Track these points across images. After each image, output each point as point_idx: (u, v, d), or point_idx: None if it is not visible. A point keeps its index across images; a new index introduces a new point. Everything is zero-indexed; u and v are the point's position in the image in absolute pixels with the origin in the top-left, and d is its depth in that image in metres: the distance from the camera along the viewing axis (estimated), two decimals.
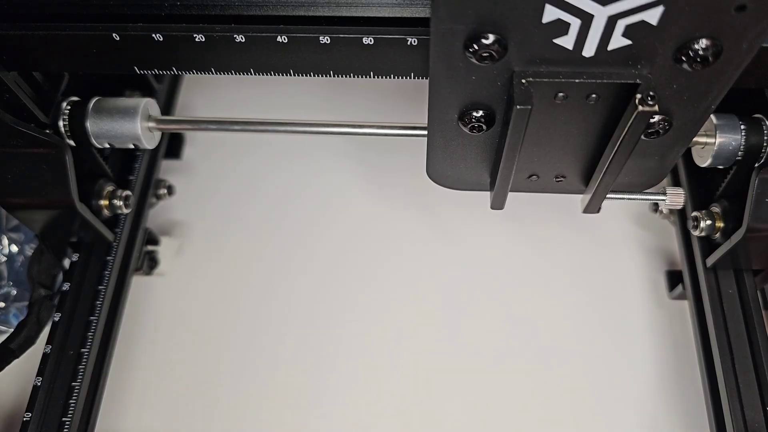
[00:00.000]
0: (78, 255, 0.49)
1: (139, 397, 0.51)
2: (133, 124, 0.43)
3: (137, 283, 0.54)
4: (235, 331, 0.53)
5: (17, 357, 0.45)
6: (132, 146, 0.44)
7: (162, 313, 0.54)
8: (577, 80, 0.30)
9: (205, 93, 0.65)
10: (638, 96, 0.30)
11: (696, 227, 0.47)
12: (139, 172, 0.52)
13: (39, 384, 0.43)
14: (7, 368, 0.44)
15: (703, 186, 0.50)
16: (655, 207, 0.55)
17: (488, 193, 0.41)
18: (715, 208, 0.46)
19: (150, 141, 0.45)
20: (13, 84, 0.39)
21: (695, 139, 0.42)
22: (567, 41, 0.29)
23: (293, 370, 0.51)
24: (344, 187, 0.60)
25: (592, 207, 0.40)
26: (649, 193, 0.41)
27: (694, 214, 0.47)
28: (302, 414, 0.50)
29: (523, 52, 0.29)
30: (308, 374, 0.51)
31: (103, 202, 0.47)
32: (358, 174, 0.60)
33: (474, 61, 0.29)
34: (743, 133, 0.41)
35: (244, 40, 0.35)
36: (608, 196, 0.39)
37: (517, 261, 0.56)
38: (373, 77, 0.37)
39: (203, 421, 0.50)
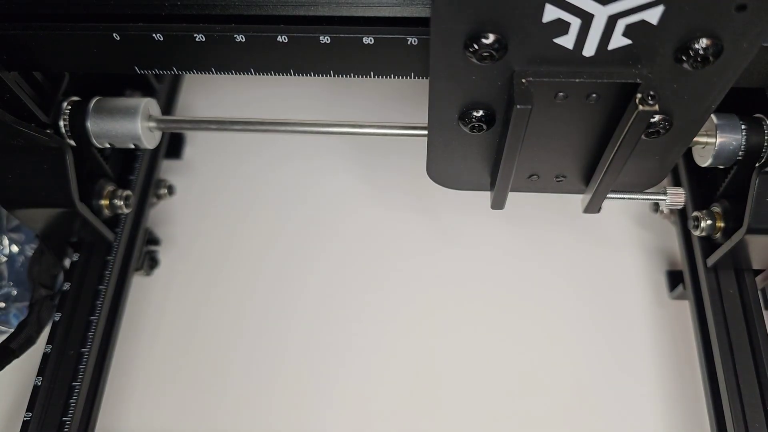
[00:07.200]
0: (78, 255, 0.49)
1: (140, 396, 0.51)
2: (134, 123, 0.43)
3: (138, 283, 0.54)
4: (235, 331, 0.53)
5: (18, 357, 0.45)
6: (132, 146, 0.44)
7: (162, 313, 0.54)
8: (577, 80, 0.30)
9: (205, 93, 0.65)
10: (638, 95, 0.30)
11: (696, 227, 0.46)
12: (139, 172, 0.52)
13: (39, 384, 0.43)
14: (7, 368, 0.44)
15: (704, 186, 0.50)
16: (656, 207, 0.55)
17: (488, 192, 0.41)
18: (716, 208, 0.46)
19: (150, 141, 0.45)
20: (13, 84, 0.39)
21: (696, 138, 0.42)
22: (567, 41, 0.29)
23: (294, 370, 0.51)
24: (344, 187, 0.60)
25: (593, 207, 0.40)
26: (650, 192, 0.41)
27: (695, 213, 0.47)
28: (303, 414, 0.50)
29: (524, 51, 0.29)
30: (309, 374, 0.51)
31: (104, 202, 0.47)
32: (358, 174, 0.60)
33: (474, 60, 0.29)
34: (744, 133, 0.41)
35: (244, 40, 0.35)
36: (609, 195, 0.39)
37: (518, 261, 0.56)
38: (373, 77, 0.37)
39: (203, 421, 0.50)
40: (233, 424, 0.49)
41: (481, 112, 0.33)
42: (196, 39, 0.35)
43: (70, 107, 0.43)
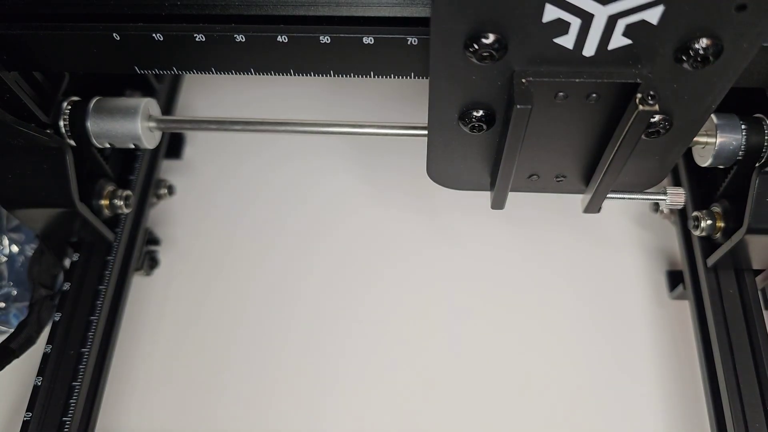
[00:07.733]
0: (78, 255, 0.49)
1: (140, 396, 0.51)
2: (134, 123, 0.43)
3: (138, 283, 0.54)
4: (235, 331, 0.53)
5: (18, 357, 0.45)
6: (132, 146, 0.44)
7: (162, 313, 0.54)
8: (577, 80, 0.30)
9: (205, 93, 0.65)
10: (639, 95, 0.30)
11: (697, 227, 0.46)
12: (139, 172, 0.52)
13: (39, 384, 0.43)
14: (7, 368, 0.44)
15: (704, 186, 0.50)
16: (656, 207, 0.55)
17: (488, 192, 0.41)
18: (716, 208, 0.46)
19: (150, 141, 0.45)
20: (13, 84, 0.39)
21: (696, 138, 0.42)
22: (567, 41, 0.29)
23: (294, 370, 0.51)
24: (344, 187, 0.60)
25: (593, 207, 0.40)
26: (650, 192, 0.41)
27: (695, 213, 0.47)
28: (303, 414, 0.50)
29: (524, 51, 0.29)
30: (309, 374, 0.51)
31: (104, 202, 0.47)
32: (358, 174, 0.60)
33: (474, 60, 0.29)
34: (744, 133, 0.41)
35: (244, 40, 0.35)
36: (609, 195, 0.39)
37: (518, 261, 0.56)
38: (373, 77, 0.37)
39: (203, 421, 0.50)
40: (233, 424, 0.50)
41: (481, 112, 0.33)
42: (196, 39, 0.35)
43: (70, 107, 0.43)
